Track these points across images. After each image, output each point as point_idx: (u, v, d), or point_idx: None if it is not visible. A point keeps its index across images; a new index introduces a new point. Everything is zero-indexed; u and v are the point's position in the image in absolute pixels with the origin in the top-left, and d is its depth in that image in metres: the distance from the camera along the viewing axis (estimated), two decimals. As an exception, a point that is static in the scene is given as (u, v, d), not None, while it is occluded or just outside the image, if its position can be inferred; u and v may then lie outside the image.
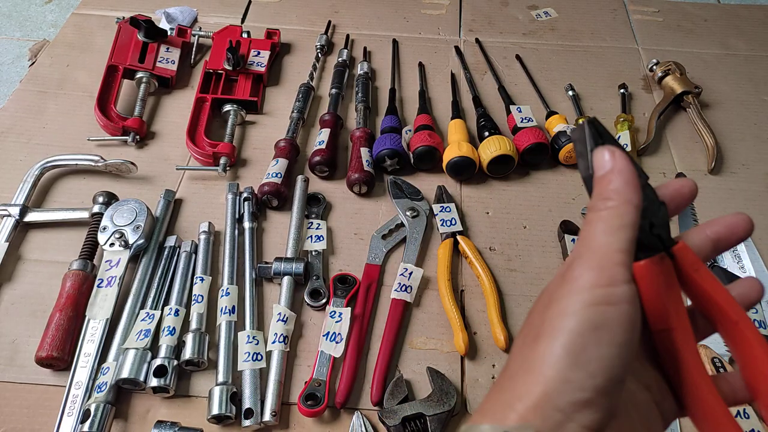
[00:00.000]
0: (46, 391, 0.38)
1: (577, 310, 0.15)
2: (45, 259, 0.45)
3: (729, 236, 0.19)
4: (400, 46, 0.65)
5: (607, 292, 0.16)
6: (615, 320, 0.15)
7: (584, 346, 0.15)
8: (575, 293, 0.16)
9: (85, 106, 0.56)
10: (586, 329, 0.15)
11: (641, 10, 0.72)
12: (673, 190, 0.19)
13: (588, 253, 0.16)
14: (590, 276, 0.16)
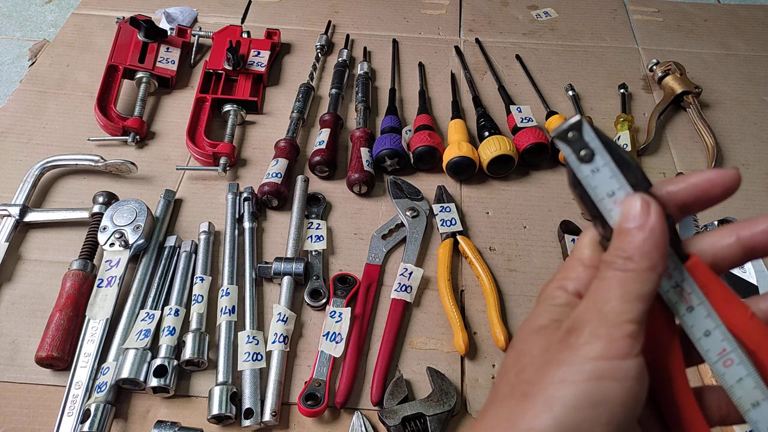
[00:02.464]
0: (46, 391, 0.38)
1: (577, 381, 0.14)
2: (45, 259, 0.45)
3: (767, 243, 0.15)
4: (400, 46, 0.65)
5: (612, 366, 0.14)
6: (617, 398, 0.14)
7: (578, 422, 0.14)
8: (578, 362, 0.14)
9: (85, 106, 0.56)
10: (584, 404, 0.14)
11: (641, 10, 0.72)
12: (695, 187, 0.15)
13: (597, 319, 0.15)
14: (596, 346, 0.14)
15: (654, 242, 0.15)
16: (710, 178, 0.16)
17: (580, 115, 0.16)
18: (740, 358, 0.15)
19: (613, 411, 0.14)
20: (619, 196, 0.16)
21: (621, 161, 0.16)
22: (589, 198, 0.16)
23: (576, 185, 0.16)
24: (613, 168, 0.16)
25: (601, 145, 0.16)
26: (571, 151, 0.16)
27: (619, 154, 0.16)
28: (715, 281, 0.16)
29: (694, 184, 0.16)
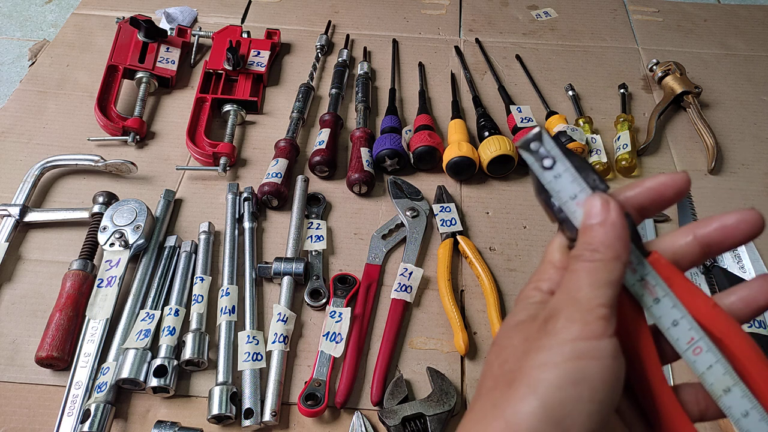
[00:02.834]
0: (46, 390, 0.38)
1: (558, 363, 0.15)
2: (45, 259, 0.45)
3: (722, 240, 0.17)
4: (400, 46, 0.65)
5: (589, 346, 0.15)
6: (597, 375, 0.15)
7: (562, 401, 0.14)
8: (556, 346, 0.15)
9: (85, 106, 0.56)
10: (566, 383, 0.15)
11: (641, 10, 0.72)
12: (651, 190, 0.17)
13: (571, 306, 0.16)
14: (573, 329, 0.15)
15: (615, 234, 0.16)
16: (663, 182, 0.17)
17: (539, 127, 0.17)
18: (708, 345, 0.16)
19: (594, 388, 0.15)
20: (580, 198, 0.17)
21: (580, 167, 0.17)
22: (553, 203, 0.17)
23: (541, 191, 0.17)
24: (573, 173, 0.17)
25: (561, 153, 0.17)
26: (534, 160, 0.17)
27: (577, 160, 0.17)
28: (677, 274, 0.17)
29: (649, 187, 0.17)
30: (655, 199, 0.17)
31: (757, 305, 0.17)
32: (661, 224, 0.49)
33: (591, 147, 0.53)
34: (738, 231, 0.17)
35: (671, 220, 0.49)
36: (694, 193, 0.51)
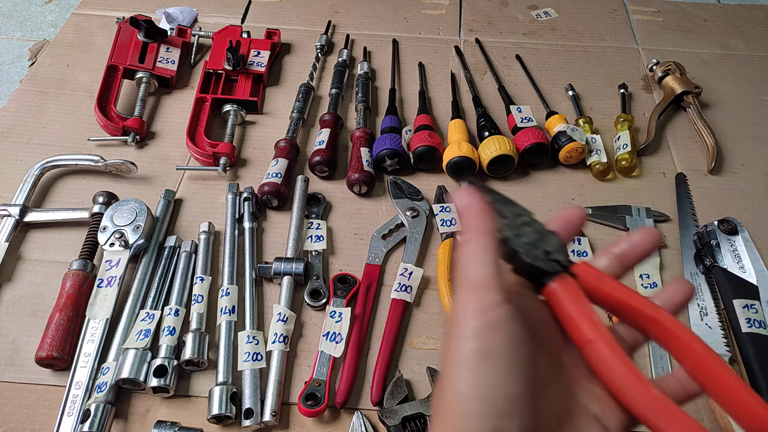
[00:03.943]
0: (46, 390, 0.38)
1: (465, 342, 0.16)
2: (45, 259, 0.45)
3: (633, 254, 0.20)
4: (400, 46, 0.65)
5: (486, 319, 0.16)
6: (499, 343, 0.16)
7: (477, 377, 0.15)
8: (460, 327, 0.16)
9: (85, 106, 0.56)
10: (475, 359, 0.15)
11: (641, 10, 0.72)
12: (562, 219, 0.21)
13: (463, 285, 0.17)
14: (469, 306, 0.16)
15: (476, 212, 0.18)
16: (569, 214, 0.21)
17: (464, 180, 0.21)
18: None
19: (500, 355, 0.16)
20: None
21: (504, 201, 0.20)
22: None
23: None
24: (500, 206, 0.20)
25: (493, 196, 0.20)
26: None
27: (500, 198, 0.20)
28: (604, 275, 0.19)
29: (562, 218, 0.21)
30: (563, 225, 0.21)
31: (674, 303, 0.20)
32: (661, 224, 0.49)
33: (591, 147, 0.53)
34: (643, 244, 0.20)
35: (671, 219, 0.49)
36: (694, 193, 0.51)
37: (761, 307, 0.42)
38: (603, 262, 0.20)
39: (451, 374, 0.16)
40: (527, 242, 0.19)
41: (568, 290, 0.19)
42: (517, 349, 0.16)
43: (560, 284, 0.19)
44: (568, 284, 0.19)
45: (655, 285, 0.44)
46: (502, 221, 0.19)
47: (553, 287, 0.19)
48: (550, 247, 0.19)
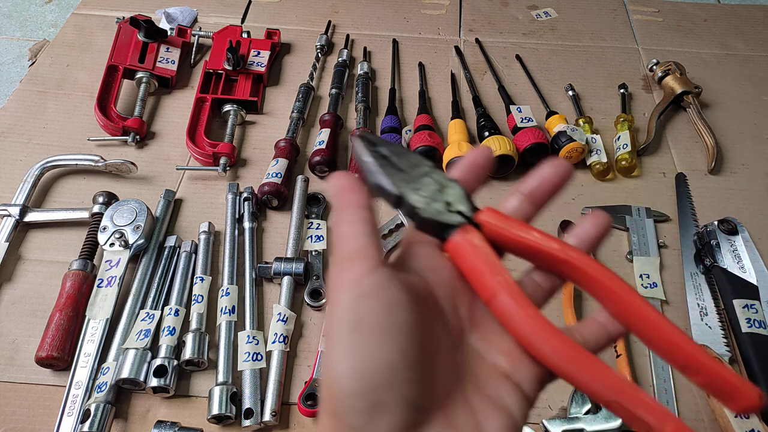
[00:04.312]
0: (46, 390, 0.38)
1: (338, 317, 0.15)
2: (45, 259, 0.45)
3: (543, 188, 0.19)
4: (400, 46, 0.65)
5: (357, 290, 0.15)
6: (372, 311, 0.15)
7: (350, 351, 0.14)
8: (333, 303, 0.15)
9: (85, 106, 0.56)
10: (348, 333, 0.15)
11: (641, 10, 0.72)
12: (466, 164, 0.20)
13: (335, 261, 0.16)
14: (340, 279, 0.16)
15: (345, 190, 0.17)
16: (471, 157, 0.20)
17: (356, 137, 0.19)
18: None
19: (373, 323, 0.15)
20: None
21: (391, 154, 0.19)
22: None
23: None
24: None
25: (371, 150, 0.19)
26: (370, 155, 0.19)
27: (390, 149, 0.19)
28: (509, 219, 0.18)
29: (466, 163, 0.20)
30: (470, 168, 0.20)
31: (589, 238, 0.19)
32: (661, 224, 0.49)
33: (591, 147, 0.53)
34: (553, 179, 0.19)
35: (671, 219, 0.49)
36: (694, 193, 0.51)
37: (761, 307, 0.42)
38: (513, 203, 0.19)
39: (328, 352, 0.15)
40: (426, 195, 0.18)
41: (469, 243, 0.17)
42: (393, 315, 0.15)
43: (461, 237, 0.18)
44: (470, 236, 0.18)
45: (655, 285, 0.44)
46: (399, 175, 0.18)
47: (455, 241, 0.18)
48: (452, 198, 0.18)
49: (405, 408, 0.14)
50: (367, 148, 0.19)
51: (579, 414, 0.37)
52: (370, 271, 0.15)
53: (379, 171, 0.18)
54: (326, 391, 0.15)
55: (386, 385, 0.14)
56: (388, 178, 0.18)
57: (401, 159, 0.19)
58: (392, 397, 0.14)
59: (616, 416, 0.36)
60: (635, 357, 0.41)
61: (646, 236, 0.47)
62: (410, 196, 0.18)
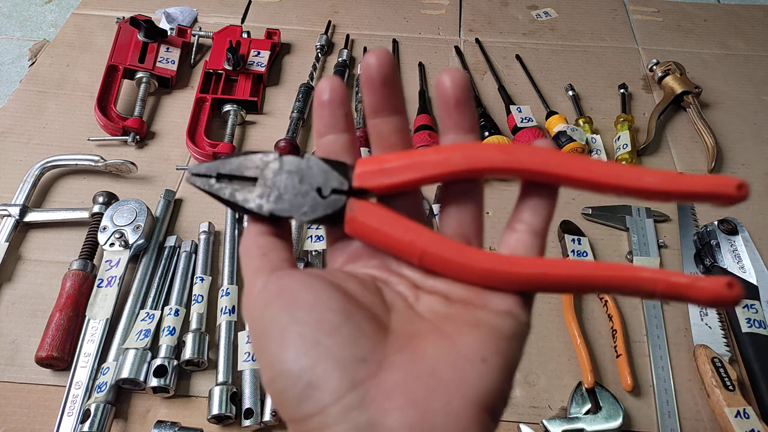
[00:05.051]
0: (46, 391, 0.38)
1: (250, 333, 0.15)
2: (45, 259, 0.45)
3: (441, 99, 0.16)
4: (400, 46, 0.65)
5: (256, 302, 0.15)
6: (272, 317, 0.14)
7: (260, 359, 0.14)
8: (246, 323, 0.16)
9: (85, 106, 0.56)
10: (254, 343, 0.15)
11: (641, 10, 0.72)
12: (437, 86, 0.16)
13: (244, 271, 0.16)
14: (244, 302, 0.16)
15: (245, 249, 0.17)
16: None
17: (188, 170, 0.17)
18: None
19: (273, 329, 0.15)
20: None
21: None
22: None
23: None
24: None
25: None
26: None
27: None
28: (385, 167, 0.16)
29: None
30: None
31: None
32: (661, 224, 0.49)
33: (591, 147, 0.53)
34: (446, 84, 0.16)
35: (671, 219, 0.49)
36: (694, 193, 0.51)
37: (761, 307, 0.42)
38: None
39: (260, 366, 0.15)
40: (292, 195, 0.16)
41: (359, 221, 0.16)
42: (296, 308, 0.14)
43: (351, 217, 0.16)
44: (357, 212, 0.16)
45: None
46: (252, 192, 0.16)
47: (348, 224, 0.16)
48: (320, 182, 0.16)
49: (341, 371, 0.13)
50: (206, 181, 0.17)
51: (579, 414, 0.37)
52: (266, 281, 0.15)
53: (232, 197, 0.16)
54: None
55: (303, 367, 0.13)
56: (246, 199, 0.16)
57: (246, 168, 0.16)
58: (320, 371, 0.13)
59: (616, 416, 0.36)
60: (635, 357, 0.41)
61: (646, 236, 0.47)
62: (272, 205, 0.16)
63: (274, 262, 0.16)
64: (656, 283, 0.14)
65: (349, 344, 0.14)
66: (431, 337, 0.15)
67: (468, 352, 0.14)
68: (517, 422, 0.37)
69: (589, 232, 0.48)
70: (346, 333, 0.14)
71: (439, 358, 0.14)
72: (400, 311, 0.16)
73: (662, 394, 0.39)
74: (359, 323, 0.14)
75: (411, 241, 0.16)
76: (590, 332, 0.42)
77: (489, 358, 0.14)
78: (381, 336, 0.15)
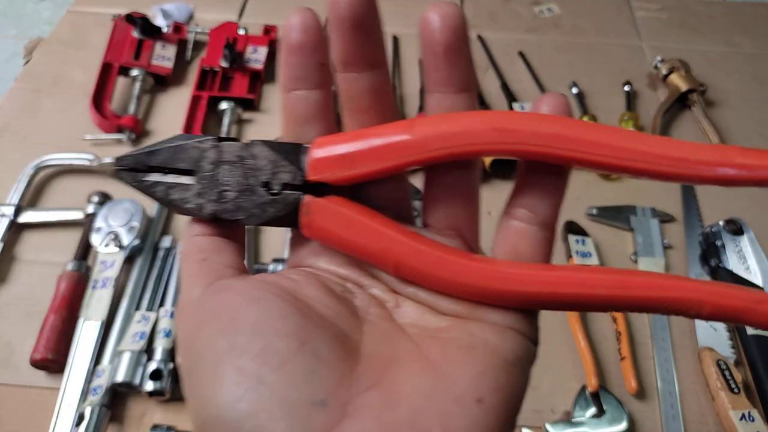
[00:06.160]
0: (40, 393, 0.37)
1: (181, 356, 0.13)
2: (39, 259, 0.44)
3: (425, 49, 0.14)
4: (400, 43, 0.64)
5: (183, 323, 0.13)
6: (206, 326, 0.12)
7: (189, 393, 0.12)
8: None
9: (80, 104, 0.55)
10: (184, 373, 0.13)
11: (645, 6, 0.71)
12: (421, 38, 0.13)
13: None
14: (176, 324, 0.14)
15: (184, 252, 0.14)
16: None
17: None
18: None
19: (201, 348, 0.12)
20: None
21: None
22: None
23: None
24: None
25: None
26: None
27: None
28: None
29: None
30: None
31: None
32: (666, 224, 0.49)
33: (594, 146, 0.52)
34: (433, 24, 0.14)
35: (676, 219, 0.49)
36: (699, 193, 0.51)
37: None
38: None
39: (189, 404, 0.12)
40: (235, 192, 0.13)
41: (320, 225, 0.13)
42: (235, 319, 0.12)
43: (307, 222, 0.13)
44: (315, 213, 0.13)
45: (659, 286, 0.43)
46: (189, 190, 0.13)
47: (305, 225, 0.13)
48: (268, 175, 0.13)
49: (291, 421, 0.10)
50: (134, 176, 0.13)
51: (583, 418, 0.36)
52: (200, 294, 0.13)
53: (167, 196, 0.13)
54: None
55: (242, 414, 0.10)
56: (183, 199, 0.13)
57: (179, 159, 0.13)
58: (263, 419, 0.10)
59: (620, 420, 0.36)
60: (640, 360, 0.40)
61: (651, 237, 0.46)
62: (215, 205, 0.13)
63: (216, 268, 0.13)
64: (701, 305, 0.11)
65: (303, 382, 0.11)
66: (413, 365, 0.12)
67: (459, 391, 0.11)
68: (519, 426, 0.36)
69: (595, 233, 0.47)
70: (299, 365, 0.11)
71: (422, 399, 0.11)
72: (375, 324, 0.13)
73: (667, 397, 0.38)
74: (318, 349, 0.11)
75: (383, 249, 0.13)
76: (594, 334, 0.41)
77: (486, 396, 0.11)
78: (348, 364, 0.11)
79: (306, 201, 0.13)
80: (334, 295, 0.13)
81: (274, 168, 0.13)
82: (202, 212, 0.14)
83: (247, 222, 0.14)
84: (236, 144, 0.14)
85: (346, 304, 0.13)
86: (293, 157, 0.13)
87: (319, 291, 0.13)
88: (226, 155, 0.13)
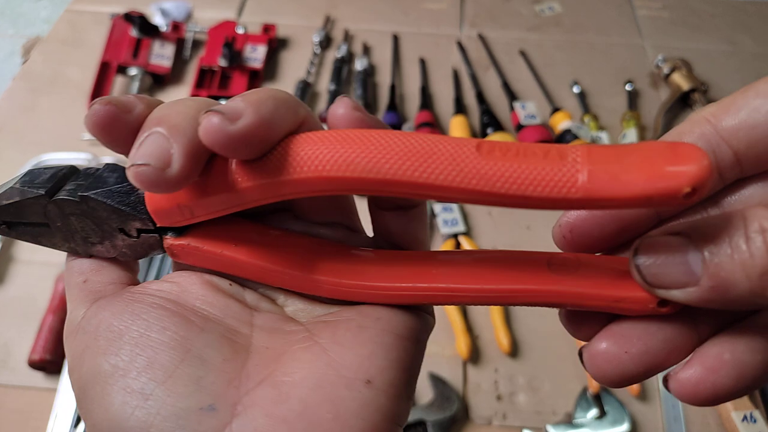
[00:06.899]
0: (38, 394, 0.37)
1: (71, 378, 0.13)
2: (37, 260, 0.44)
3: None
4: (400, 41, 0.64)
5: (72, 345, 0.12)
6: (95, 342, 0.12)
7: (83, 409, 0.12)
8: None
9: (78, 103, 0.55)
10: (82, 390, 0.12)
11: (647, 5, 0.70)
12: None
13: None
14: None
15: (65, 278, 0.14)
16: None
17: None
18: None
19: (93, 363, 0.12)
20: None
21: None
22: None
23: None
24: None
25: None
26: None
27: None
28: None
29: None
30: None
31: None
32: (668, 224, 0.48)
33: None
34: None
35: (678, 220, 0.48)
36: (701, 193, 0.50)
37: None
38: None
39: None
40: (98, 238, 0.13)
41: (186, 262, 0.13)
42: (120, 338, 0.11)
43: (175, 260, 0.13)
44: (181, 254, 0.13)
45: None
46: (55, 236, 0.13)
47: (174, 263, 0.13)
48: (118, 223, 0.13)
49: (182, 430, 0.10)
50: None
51: (584, 419, 0.36)
52: (80, 318, 0.12)
53: (39, 242, 0.13)
54: None
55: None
56: (54, 244, 0.13)
57: (26, 214, 0.13)
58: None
59: (622, 421, 0.35)
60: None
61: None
62: (90, 248, 0.13)
63: (96, 288, 0.13)
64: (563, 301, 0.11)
65: (190, 390, 0.11)
66: (303, 354, 0.11)
67: (349, 375, 0.11)
68: (520, 427, 0.36)
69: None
70: (185, 374, 0.11)
71: (312, 388, 0.11)
72: (267, 315, 0.13)
73: (668, 398, 0.38)
74: (203, 354, 0.11)
75: (250, 274, 0.12)
76: (595, 335, 0.41)
77: (375, 377, 0.11)
78: (236, 363, 0.11)
79: (167, 244, 0.13)
80: (220, 292, 0.13)
81: (120, 218, 0.13)
82: (78, 253, 0.14)
83: (122, 258, 0.14)
84: (71, 201, 0.13)
85: (235, 299, 0.13)
86: (134, 206, 0.13)
87: (203, 289, 0.13)
88: (67, 209, 0.13)
